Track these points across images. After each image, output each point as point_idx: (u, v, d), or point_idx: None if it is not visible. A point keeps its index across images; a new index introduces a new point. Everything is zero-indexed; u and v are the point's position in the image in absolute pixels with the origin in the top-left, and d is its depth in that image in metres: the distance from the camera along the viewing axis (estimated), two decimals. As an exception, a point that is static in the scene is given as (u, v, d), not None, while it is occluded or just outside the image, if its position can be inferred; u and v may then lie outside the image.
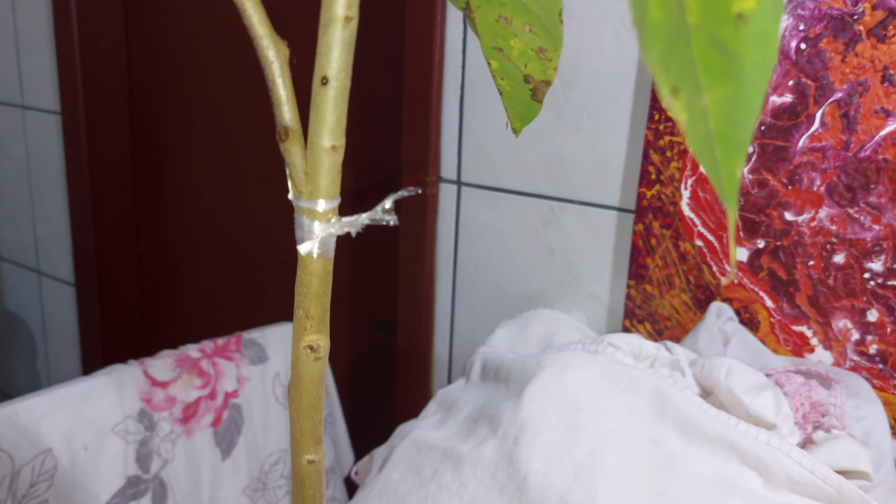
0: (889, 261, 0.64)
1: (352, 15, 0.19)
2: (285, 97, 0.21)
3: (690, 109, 0.16)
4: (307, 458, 0.22)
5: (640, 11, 0.15)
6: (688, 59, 0.15)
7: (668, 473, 0.53)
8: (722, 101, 0.16)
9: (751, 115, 0.16)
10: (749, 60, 0.15)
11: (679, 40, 0.15)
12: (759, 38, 0.15)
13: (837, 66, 0.63)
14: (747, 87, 0.15)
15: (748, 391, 0.55)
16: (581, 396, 0.56)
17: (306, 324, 0.21)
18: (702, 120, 0.16)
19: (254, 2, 0.20)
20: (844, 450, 0.54)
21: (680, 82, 0.16)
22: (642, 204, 0.73)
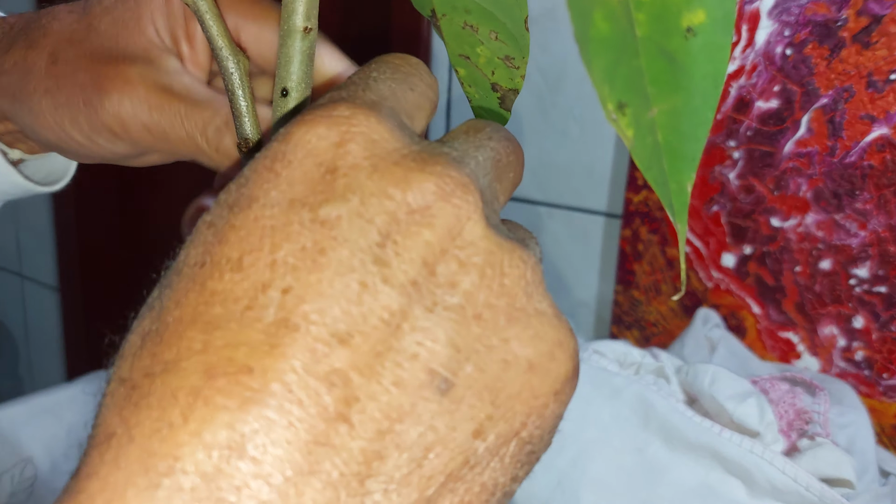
0: (875, 267, 0.64)
1: (311, 26, 0.19)
2: (245, 108, 0.21)
3: (637, 124, 0.16)
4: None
5: (584, 24, 0.15)
6: (635, 71, 0.15)
7: (651, 481, 0.53)
8: (671, 113, 0.15)
9: (701, 126, 0.16)
10: (699, 72, 0.15)
11: (625, 53, 0.15)
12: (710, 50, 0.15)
13: (823, 71, 0.63)
14: (697, 99, 0.15)
15: (732, 399, 0.55)
16: (565, 404, 0.56)
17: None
18: (649, 133, 0.16)
19: (213, 13, 0.20)
20: (828, 457, 0.54)
21: (626, 96, 0.15)
22: (630, 209, 0.73)
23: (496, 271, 0.15)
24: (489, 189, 0.17)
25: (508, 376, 0.15)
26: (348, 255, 0.14)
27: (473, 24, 0.22)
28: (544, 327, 0.16)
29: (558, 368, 0.16)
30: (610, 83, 0.15)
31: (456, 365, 0.15)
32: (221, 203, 0.16)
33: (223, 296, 0.14)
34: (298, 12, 0.19)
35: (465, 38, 0.22)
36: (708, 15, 0.15)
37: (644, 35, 0.15)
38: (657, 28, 0.15)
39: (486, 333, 0.15)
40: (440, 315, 0.15)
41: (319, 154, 0.15)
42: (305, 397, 0.13)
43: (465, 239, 0.15)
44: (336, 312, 0.14)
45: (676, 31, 0.15)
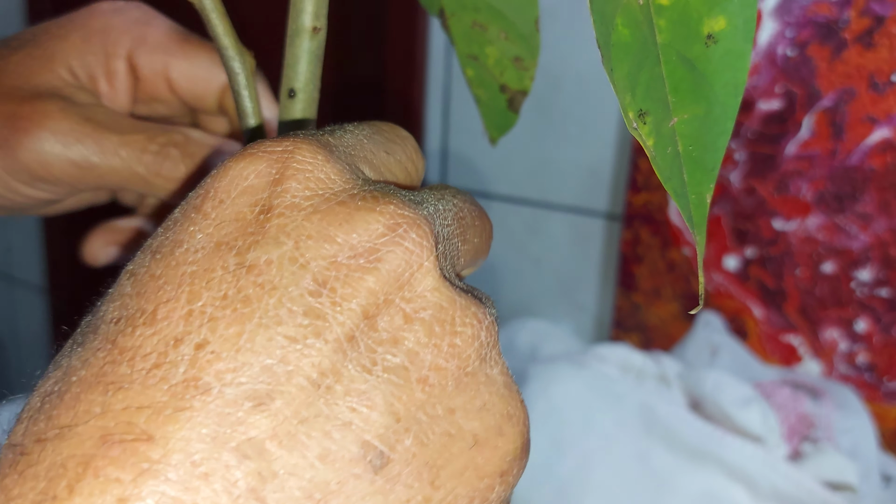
0: (877, 270, 0.64)
1: (319, 26, 0.19)
2: (251, 109, 0.20)
3: (657, 133, 0.15)
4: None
5: (606, 30, 0.15)
6: (656, 79, 0.15)
7: (655, 488, 0.53)
8: (691, 123, 0.15)
9: (721, 137, 0.15)
10: (719, 80, 0.15)
11: (647, 59, 0.15)
12: (730, 57, 0.15)
13: (824, 73, 0.63)
14: (717, 108, 0.15)
15: (735, 404, 0.55)
16: (566, 410, 0.56)
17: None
18: (670, 143, 0.15)
19: (219, 12, 0.19)
20: (831, 462, 0.54)
21: (647, 104, 0.15)
22: (630, 211, 0.73)
23: (446, 329, 0.14)
24: (449, 242, 0.15)
25: (451, 452, 0.14)
26: (275, 304, 0.13)
27: (482, 23, 0.21)
28: (493, 398, 0.14)
29: (506, 445, 0.14)
30: (632, 91, 0.15)
31: (394, 437, 0.13)
32: (145, 249, 0.14)
33: (132, 353, 0.12)
34: (307, 11, 0.18)
35: (474, 37, 0.22)
36: (729, 21, 0.14)
37: (665, 42, 0.15)
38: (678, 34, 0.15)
39: (430, 401, 0.13)
40: (379, 377, 0.13)
41: (255, 192, 0.14)
42: (212, 471, 0.12)
43: (413, 289, 0.14)
44: (255, 371, 0.12)
45: (697, 38, 0.15)
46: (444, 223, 0.15)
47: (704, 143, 0.15)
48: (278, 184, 0.14)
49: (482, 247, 0.18)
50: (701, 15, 0.15)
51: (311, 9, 0.18)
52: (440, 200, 0.16)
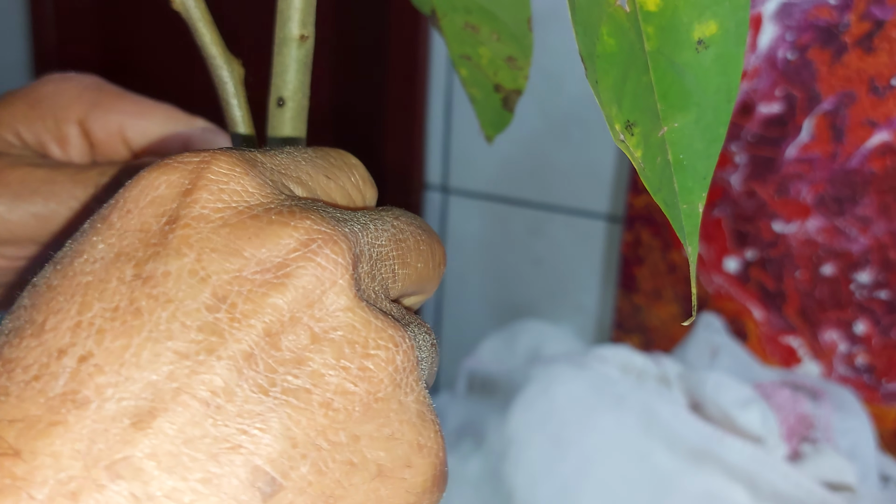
0: (876, 273, 0.64)
1: (307, 34, 0.18)
2: (240, 117, 0.20)
3: (646, 143, 0.15)
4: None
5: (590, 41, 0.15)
6: (644, 88, 0.15)
7: (655, 489, 0.53)
8: (682, 131, 0.15)
9: (714, 143, 0.15)
10: (711, 86, 0.14)
11: (634, 68, 0.15)
12: (723, 62, 0.14)
13: (825, 76, 0.63)
14: (709, 114, 0.15)
15: (735, 405, 0.56)
16: (568, 411, 0.56)
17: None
18: (659, 153, 0.15)
19: (206, 21, 0.20)
20: (830, 463, 0.54)
21: (634, 115, 0.15)
22: (631, 213, 0.73)
23: (357, 351, 0.13)
24: (380, 263, 0.14)
25: (352, 482, 0.13)
26: (168, 318, 0.12)
27: (475, 24, 0.21)
28: (404, 426, 0.13)
29: (414, 478, 0.13)
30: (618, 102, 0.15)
31: (288, 463, 0.12)
32: (51, 261, 0.13)
33: (13, 364, 0.12)
34: (294, 20, 0.18)
35: (467, 38, 0.22)
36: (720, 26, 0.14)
37: (654, 49, 0.15)
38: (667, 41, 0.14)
39: (333, 426, 0.12)
40: (277, 398, 0.12)
41: (164, 202, 0.13)
42: (81, 490, 0.11)
43: (325, 308, 0.13)
44: (138, 387, 0.12)
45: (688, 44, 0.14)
46: (374, 243, 0.14)
47: (696, 150, 0.15)
48: (189, 194, 0.13)
49: (428, 274, 0.16)
50: (691, 20, 0.14)
51: (297, 17, 0.18)
52: (375, 220, 0.15)
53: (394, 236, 0.15)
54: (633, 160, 0.15)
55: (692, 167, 0.15)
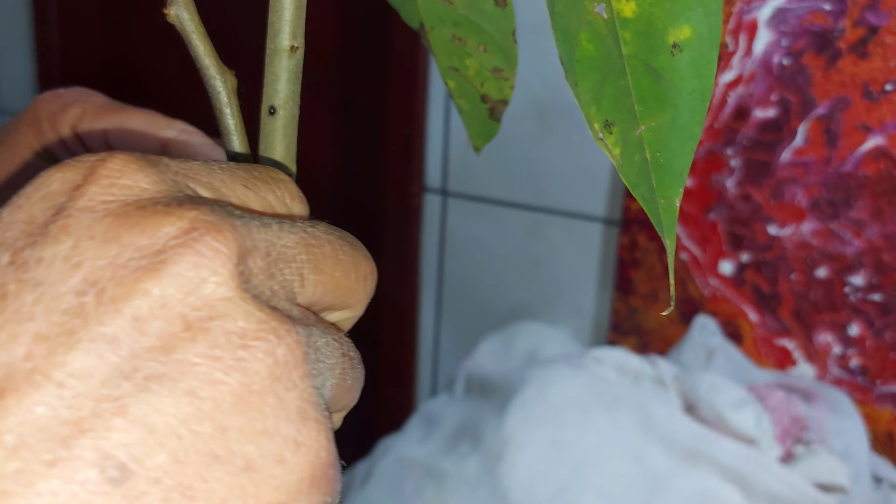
0: (870, 276, 0.65)
1: (297, 45, 0.19)
2: (234, 126, 0.20)
3: (624, 142, 0.15)
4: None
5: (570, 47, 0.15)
6: (622, 90, 0.15)
7: (650, 489, 0.53)
8: (658, 130, 0.15)
9: (689, 141, 0.16)
10: (686, 87, 0.15)
11: (612, 72, 0.15)
12: (697, 64, 0.15)
13: (819, 81, 0.64)
14: (685, 114, 0.15)
15: (729, 406, 0.56)
16: (564, 412, 0.57)
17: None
18: (637, 151, 0.16)
19: (199, 32, 0.20)
20: (823, 464, 0.54)
21: (612, 115, 0.15)
22: (628, 216, 0.74)
23: (234, 342, 0.12)
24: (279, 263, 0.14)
25: (214, 475, 0.12)
26: (34, 301, 0.12)
27: (462, 37, 0.22)
28: (280, 422, 0.13)
29: (286, 475, 0.13)
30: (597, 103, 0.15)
31: (142, 450, 0.12)
32: None
33: None
34: (285, 31, 0.19)
35: (454, 50, 0.22)
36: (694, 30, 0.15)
37: (630, 53, 0.15)
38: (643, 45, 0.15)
39: (197, 416, 0.12)
40: (137, 384, 0.12)
41: (54, 196, 0.13)
42: None
43: (203, 296, 0.13)
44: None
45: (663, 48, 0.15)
46: (275, 241, 0.14)
47: (672, 148, 0.16)
48: (78, 188, 0.13)
49: (350, 286, 0.16)
50: (666, 25, 0.15)
51: (288, 28, 0.19)
52: (283, 223, 0.15)
53: (304, 240, 0.15)
54: (612, 157, 0.16)
55: (669, 164, 0.16)
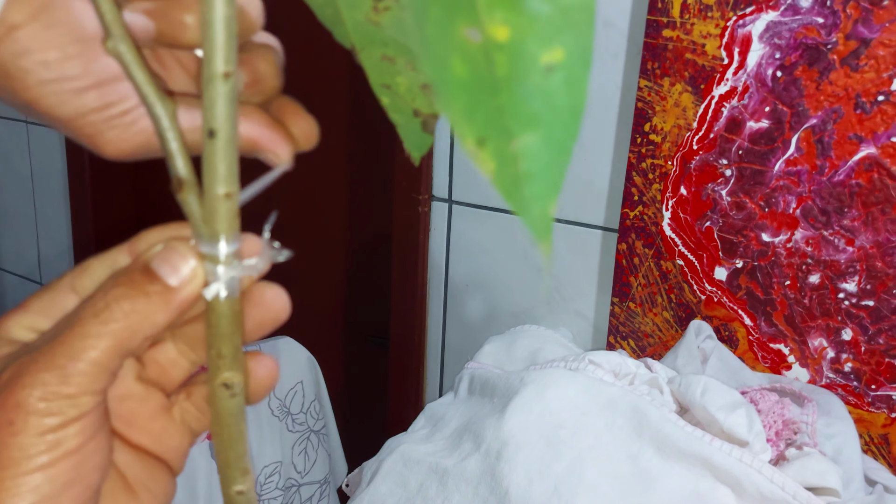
0: (862, 282, 0.66)
1: (230, 70, 0.19)
2: (176, 149, 0.21)
3: (499, 157, 0.16)
4: (236, 490, 0.22)
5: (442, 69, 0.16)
6: (495, 109, 0.16)
7: (644, 489, 0.55)
8: (532, 145, 0.16)
9: (562, 155, 0.16)
10: (559, 105, 0.15)
11: (485, 92, 0.16)
12: (569, 84, 0.15)
13: (812, 93, 0.66)
14: (558, 130, 0.16)
15: (722, 409, 0.57)
16: (561, 413, 0.58)
17: (219, 363, 0.21)
18: (511, 165, 0.16)
19: (137, 62, 0.21)
20: (815, 467, 0.55)
21: (486, 132, 0.16)
22: (625, 224, 0.76)
23: None
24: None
25: None
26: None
27: (391, 56, 0.23)
28: None
29: None
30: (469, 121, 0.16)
31: None
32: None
33: None
34: (218, 58, 0.19)
35: (385, 68, 0.23)
36: (567, 52, 0.15)
37: (504, 75, 0.15)
38: (517, 68, 0.15)
39: None
40: None
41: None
42: None
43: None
44: None
45: (536, 69, 0.15)
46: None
47: (546, 161, 0.16)
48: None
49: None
50: (539, 48, 0.15)
51: (221, 55, 0.19)
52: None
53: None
54: (485, 171, 0.16)
55: (542, 176, 0.16)
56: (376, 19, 0.21)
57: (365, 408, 1.19)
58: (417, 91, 0.24)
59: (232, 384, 0.21)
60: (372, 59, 0.23)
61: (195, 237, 0.21)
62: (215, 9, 0.19)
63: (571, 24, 0.15)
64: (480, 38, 0.15)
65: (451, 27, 0.15)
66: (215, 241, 0.21)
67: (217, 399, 0.22)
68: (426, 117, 0.25)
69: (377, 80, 0.23)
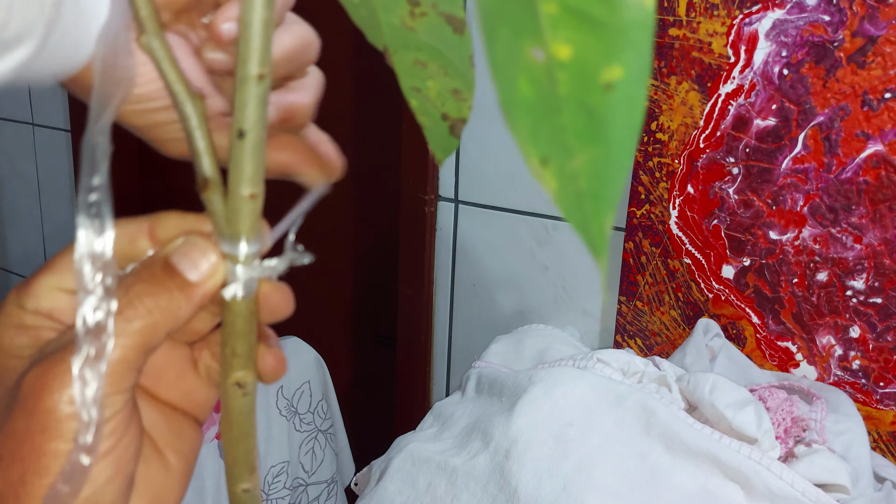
0: (870, 279, 0.66)
1: (264, 73, 0.20)
2: (203, 148, 0.21)
3: (560, 175, 0.17)
4: (242, 487, 0.22)
5: (510, 90, 0.16)
6: (557, 128, 0.16)
7: (653, 486, 0.55)
8: (592, 162, 0.16)
9: (620, 171, 0.17)
10: (617, 123, 0.16)
11: (549, 112, 0.16)
12: (627, 102, 0.16)
13: (819, 91, 0.66)
14: (615, 147, 0.16)
15: (731, 406, 0.57)
16: (570, 411, 0.58)
17: (233, 361, 0.21)
18: (572, 182, 0.17)
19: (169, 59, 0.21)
20: (824, 464, 0.55)
21: (549, 151, 0.16)
22: (632, 223, 0.76)
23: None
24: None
25: None
26: None
27: (423, 61, 0.23)
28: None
29: None
30: (534, 141, 0.16)
31: None
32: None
33: None
34: (253, 60, 0.20)
35: (417, 72, 0.24)
36: (625, 70, 0.16)
37: (566, 93, 0.16)
38: (578, 85, 0.16)
39: None
40: None
41: None
42: None
43: None
44: None
45: (596, 87, 0.16)
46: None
47: (604, 178, 0.16)
48: None
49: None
50: (599, 66, 0.16)
51: (256, 58, 0.20)
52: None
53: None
54: (549, 189, 0.17)
55: (601, 194, 0.17)
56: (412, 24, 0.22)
57: (372, 407, 1.19)
58: (448, 95, 0.24)
59: (245, 383, 0.22)
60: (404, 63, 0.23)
61: (217, 236, 0.21)
62: (254, 11, 0.19)
63: (630, 42, 0.15)
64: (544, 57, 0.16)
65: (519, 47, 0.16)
66: (236, 241, 0.21)
67: (229, 397, 0.22)
68: (454, 121, 0.25)
69: (408, 83, 0.24)
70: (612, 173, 0.16)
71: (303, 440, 0.96)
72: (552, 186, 0.16)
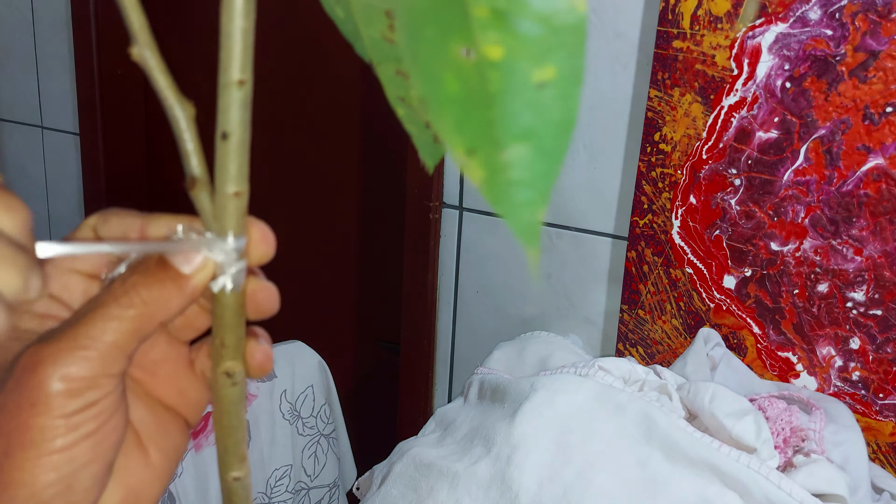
0: (870, 291, 0.67)
1: (245, 79, 0.21)
2: (192, 149, 0.22)
3: (488, 165, 0.17)
4: (233, 475, 0.23)
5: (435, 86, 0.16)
6: (485, 121, 0.16)
7: (652, 494, 0.55)
8: (523, 155, 0.16)
9: (553, 165, 0.17)
10: (551, 119, 0.16)
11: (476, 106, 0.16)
12: (560, 100, 0.16)
13: (821, 104, 0.66)
14: (549, 141, 0.16)
15: (731, 416, 0.58)
16: (571, 418, 0.59)
17: (222, 352, 0.22)
18: (501, 173, 0.17)
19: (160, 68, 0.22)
20: (822, 473, 0.56)
21: (476, 143, 0.16)
22: (635, 232, 0.76)
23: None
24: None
25: None
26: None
27: (404, 71, 0.24)
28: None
29: None
30: (460, 133, 0.16)
31: None
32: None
33: None
34: (234, 67, 0.21)
35: (399, 83, 0.24)
36: (558, 71, 0.16)
37: (496, 90, 0.16)
38: (509, 84, 0.16)
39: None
40: None
41: None
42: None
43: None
44: None
45: (528, 86, 0.16)
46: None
47: (536, 170, 0.16)
48: None
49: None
50: (531, 67, 0.16)
51: (236, 65, 0.21)
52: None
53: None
54: (475, 179, 0.17)
55: (532, 184, 0.17)
56: (391, 36, 0.22)
57: (375, 412, 1.20)
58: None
59: (233, 373, 0.22)
60: (387, 74, 0.24)
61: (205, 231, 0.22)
62: (234, 21, 0.20)
63: (563, 45, 0.16)
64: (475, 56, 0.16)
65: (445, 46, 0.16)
66: (223, 236, 0.22)
67: (219, 387, 0.23)
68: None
69: (393, 93, 0.24)
70: (545, 167, 0.16)
71: (305, 444, 0.97)
72: (479, 175, 0.16)
